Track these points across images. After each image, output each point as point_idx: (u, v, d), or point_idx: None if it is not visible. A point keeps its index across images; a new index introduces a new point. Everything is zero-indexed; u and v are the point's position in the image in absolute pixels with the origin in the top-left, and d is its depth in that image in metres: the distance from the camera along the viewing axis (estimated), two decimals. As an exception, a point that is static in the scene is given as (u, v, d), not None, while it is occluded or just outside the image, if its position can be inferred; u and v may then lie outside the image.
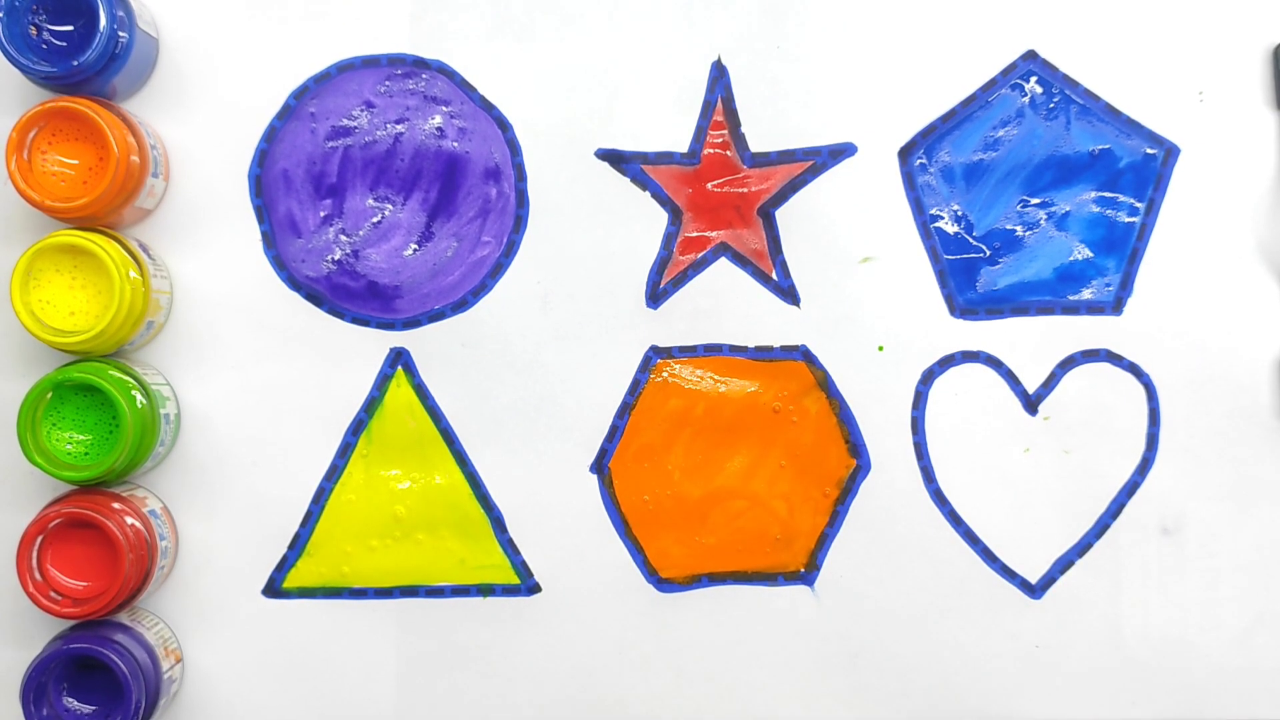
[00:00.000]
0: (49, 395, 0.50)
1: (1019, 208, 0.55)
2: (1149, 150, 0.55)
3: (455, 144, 0.54)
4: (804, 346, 0.54)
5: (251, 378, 0.54)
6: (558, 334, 0.54)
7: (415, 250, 0.54)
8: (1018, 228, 0.55)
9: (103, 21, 0.49)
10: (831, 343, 0.54)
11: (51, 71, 0.49)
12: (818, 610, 0.54)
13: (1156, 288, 0.55)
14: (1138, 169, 0.55)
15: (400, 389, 0.54)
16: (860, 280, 0.54)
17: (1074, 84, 0.55)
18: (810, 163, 0.54)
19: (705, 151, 0.54)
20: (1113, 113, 0.55)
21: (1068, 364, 0.55)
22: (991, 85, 0.55)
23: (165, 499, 0.53)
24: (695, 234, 0.54)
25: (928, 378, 0.54)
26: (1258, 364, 0.54)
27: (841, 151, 0.54)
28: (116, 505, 0.50)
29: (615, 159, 0.54)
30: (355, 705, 0.54)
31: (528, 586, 0.54)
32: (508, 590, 0.54)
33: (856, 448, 0.54)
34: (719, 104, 0.54)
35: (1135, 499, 0.54)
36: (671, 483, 0.54)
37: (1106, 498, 0.55)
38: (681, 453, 0.54)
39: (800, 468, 0.54)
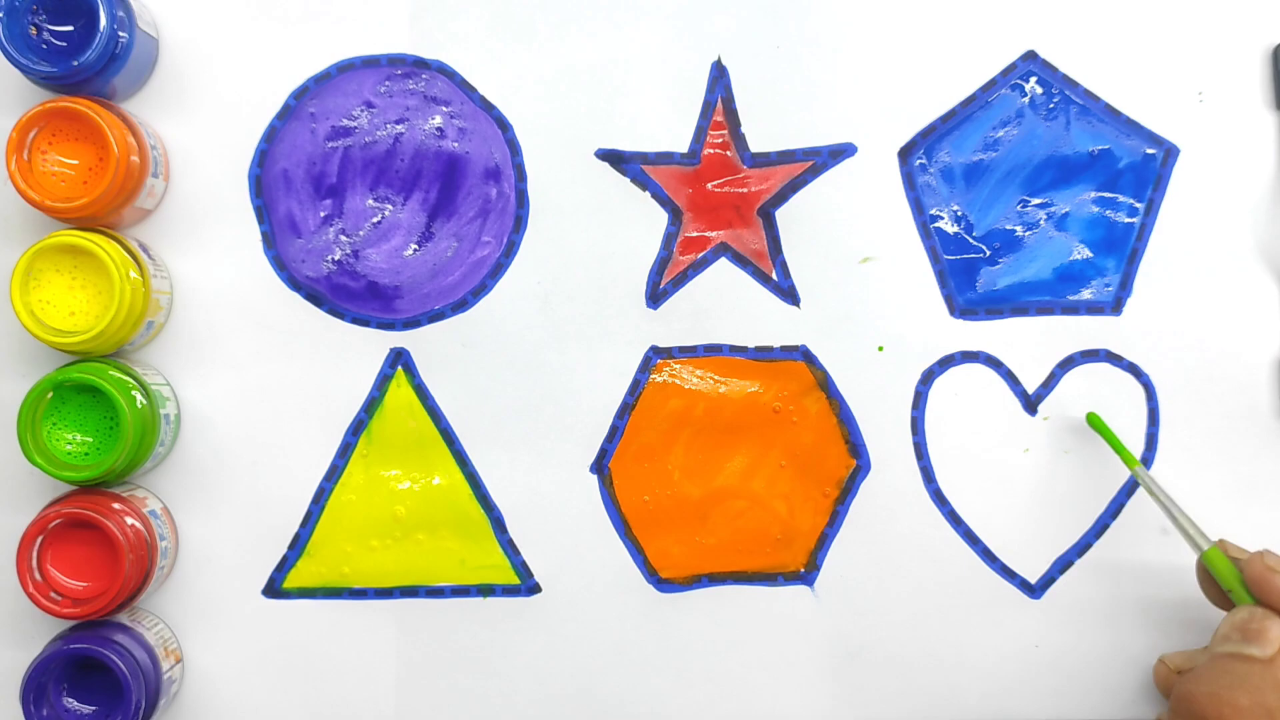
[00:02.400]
0: (49, 395, 0.50)
1: (1019, 208, 0.55)
2: (1148, 150, 0.55)
3: (455, 144, 0.54)
4: (804, 346, 0.54)
5: (251, 378, 0.54)
6: (558, 334, 0.54)
7: (415, 250, 0.54)
8: (1017, 228, 0.55)
9: (103, 21, 0.49)
10: (831, 343, 0.54)
11: (51, 71, 0.49)
12: (818, 610, 0.54)
13: (1156, 288, 0.55)
14: (1137, 169, 0.55)
15: (400, 389, 0.54)
16: (860, 280, 0.54)
17: (1074, 84, 0.55)
18: (810, 163, 0.54)
19: (705, 151, 0.54)
20: (1112, 113, 0.55)
21: (1067, 364, 0.55)
22: (991, 85, 0.55)
23: (165, 499, 0.53)
24: (695, 234, 0.54)
25: (928, 378, 0.54)
26: (1258, 364, 0.54)
27: (841, 151, 0.54)
28: (116, 505, 0.50)
29: (615, 159, 0.54)
30: (355, 705, 0.54)
31: (528, 587, 0.54)
32: (508, 590, 0.54)
33: (856, 448, 0.54)
34: (719, 104, 0.54)
35: (1135, 499, 0.54)
36: (671, 483, 0.54)
37: (1106, 498, 0.55)
38: (681, 453, 0.54)
39: (800, 468, 0.54)
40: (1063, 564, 0.54)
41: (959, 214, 0.55)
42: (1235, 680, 0.46)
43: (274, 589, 0.54)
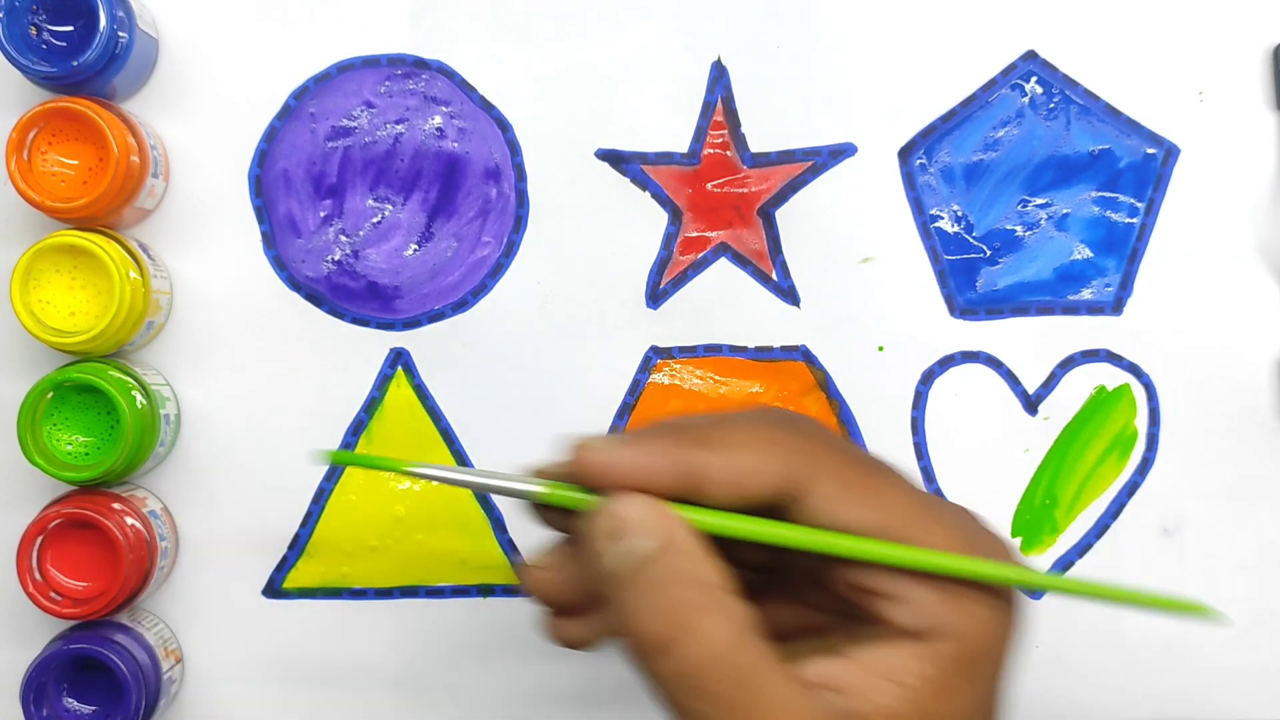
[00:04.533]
0: (49, 395, 0.50)
1: (1019, 208, 0.55)
2: (1149, 150, 0.55)
3: (455, 144, 0.54)
4: (804, 346, 0.54)
5: (251, 378, 0.54)
6: (558, 334, 0.54)
7: (415, 250, 0.54)
8: (1018, 228, 0.55)
9: (103, 22, 0.49)
10: (831, 343, 0.54)
11: (51, 71, 0.49)
12: (818, 610, 0.54)
13: (1156, 288, 0.55)
14: (1138, 169, 0.55)
15: (400, 389, 0.54)
16: (860, 280, 0.54)
17: (1074, 84, 0.55)
18: (810, 163, 0.54)
19: (705, 151, 0.54)
20: (1113, 113, 0.55)
21: (1068, 364, 0.55)
22: (991, 85, 0.55)
23: (165, 499, 0.53)
24: (695, 234, 0.54)
25: (928, 378, 0.54)
26: (1258, 364, 0.54)
27: (841, 151, 0.54)
28: (116, 505, 0.50)
29: (615, 159, 0.54)
30: (355, 705, 0.54)
31: (528, 586, 0.54)
32: (508, 590, 0.54)
33: (856, 448, 0.54)
34: (719, 104, 0.54)
35: (1135, 499, 0.54)
36: (671, 483, 0.54)
37: (1107, 498, 0.55)
38: (681, 453, 0.54)
39: (800, 468, 0.54)
40: (1063, 564, 0.54)
41: (959, 214, 0.55)
42: None
43: (274, 589, 0.54)
